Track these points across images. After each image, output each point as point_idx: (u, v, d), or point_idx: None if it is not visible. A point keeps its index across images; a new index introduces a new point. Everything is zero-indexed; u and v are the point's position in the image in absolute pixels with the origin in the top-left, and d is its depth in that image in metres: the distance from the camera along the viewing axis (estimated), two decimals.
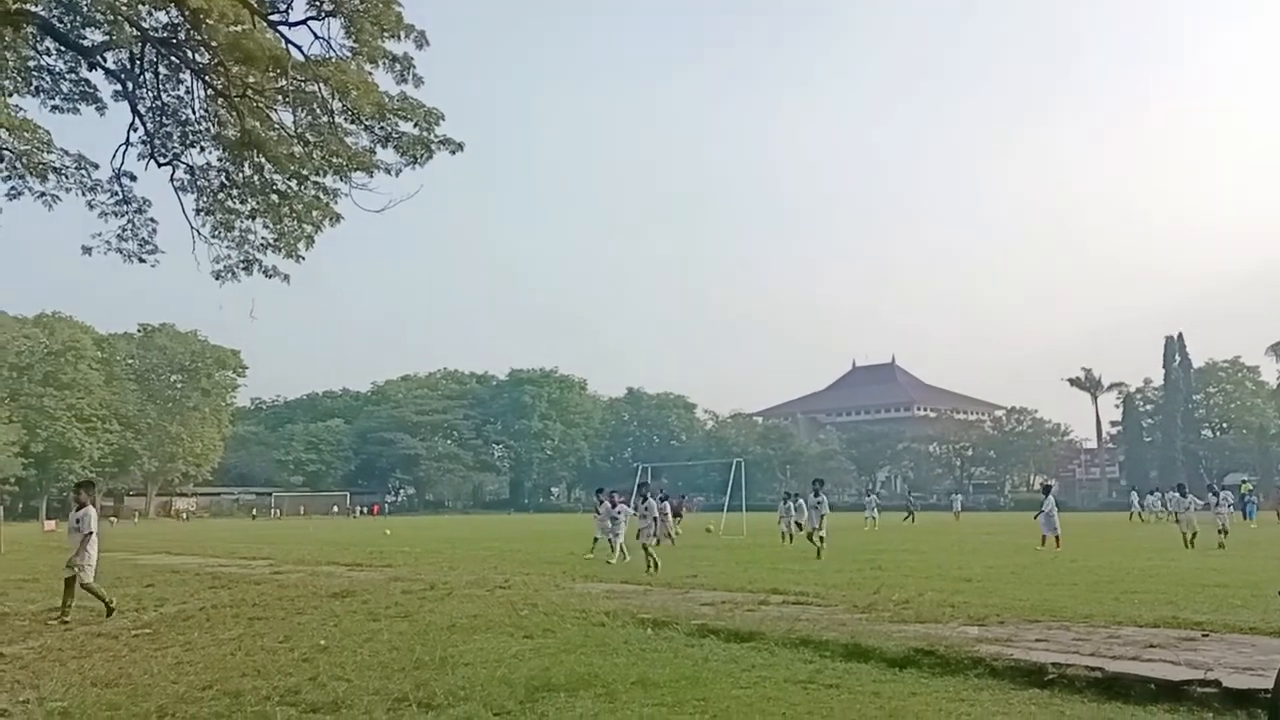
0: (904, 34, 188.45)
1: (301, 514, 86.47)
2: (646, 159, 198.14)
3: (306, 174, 13.98)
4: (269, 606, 12.99)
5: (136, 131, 13.78)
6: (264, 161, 13.66)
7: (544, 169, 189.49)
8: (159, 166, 14.14)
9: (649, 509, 18.68)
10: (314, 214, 14.39)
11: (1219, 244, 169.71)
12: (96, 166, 14.42)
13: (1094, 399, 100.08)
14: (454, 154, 13.87)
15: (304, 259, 14.78)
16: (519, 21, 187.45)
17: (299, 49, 12.81)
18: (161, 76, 13.77)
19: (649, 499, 19.22)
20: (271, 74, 12.72)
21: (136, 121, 13.65)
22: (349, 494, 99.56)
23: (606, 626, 10.49)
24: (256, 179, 14.03)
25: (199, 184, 14.44)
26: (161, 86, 13.86)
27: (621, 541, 20.29)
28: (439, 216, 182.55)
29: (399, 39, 12.82)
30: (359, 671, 8.14)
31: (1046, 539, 23.95)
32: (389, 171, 13.85)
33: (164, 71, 13.75)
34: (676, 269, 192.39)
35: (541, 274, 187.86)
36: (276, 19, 12.84)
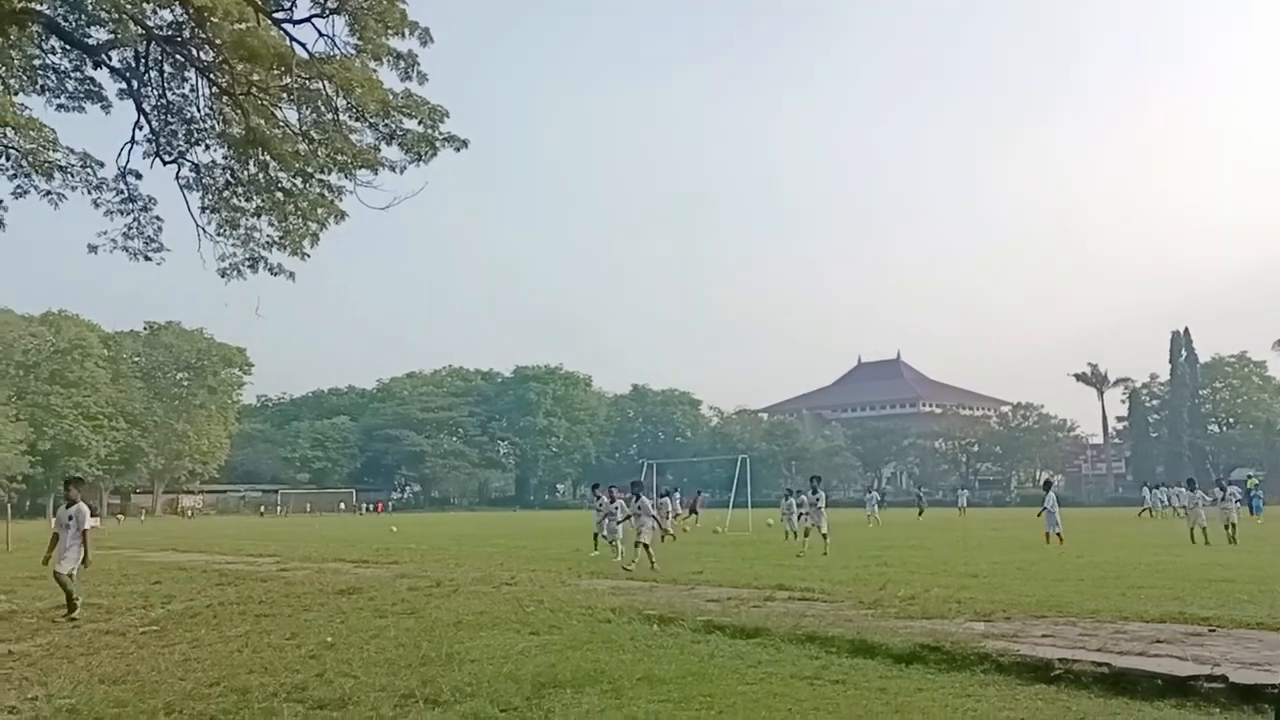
0: (904, 34, 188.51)
1: (308, 511, 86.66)
2: (648, 159, 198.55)
3: (311, 171, 13.98)
4: (276, 604, 13.02)
5: (142, 129, 13.79)
6: (269, 159, 13.66)
7: (546, 169, 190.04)
8: (164, 164, 14.15)
9: (642, 506, 18.65)
10: (319, 211, 14.39)
11: (1224, 240, 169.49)
12: (102, 165, 14.44)
13: (1100, 394, 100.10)
14: (458, 151, 13.87)
15: (309, 256, 14.79)
16: (519, 21, 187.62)
17: (303, 46, 12.81)
18: (166, 74, 13.78)
19: (642, 496, 19.19)
20: (276, 71, 12.72)
21: (141, 119, 13.66)
22: (355, 491, 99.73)
23: (612, 623, 10.50)
24: (261, 176, 14.04)
25: (204, 182, 14.44)
26: (166, 84, 13.86)
27: (619, 538, 20.25)
28: (443, 215, 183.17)
29: (403, 36, 12.80)
30: (366, 668, 8.16)
31: (1050, 536, 23.90)
32: (393, 169, 13.85)
33: (169, 69, 13.75)
34: (679, 268, 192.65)
35: (545, 273, 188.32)
36: (281, 16, 12.83)
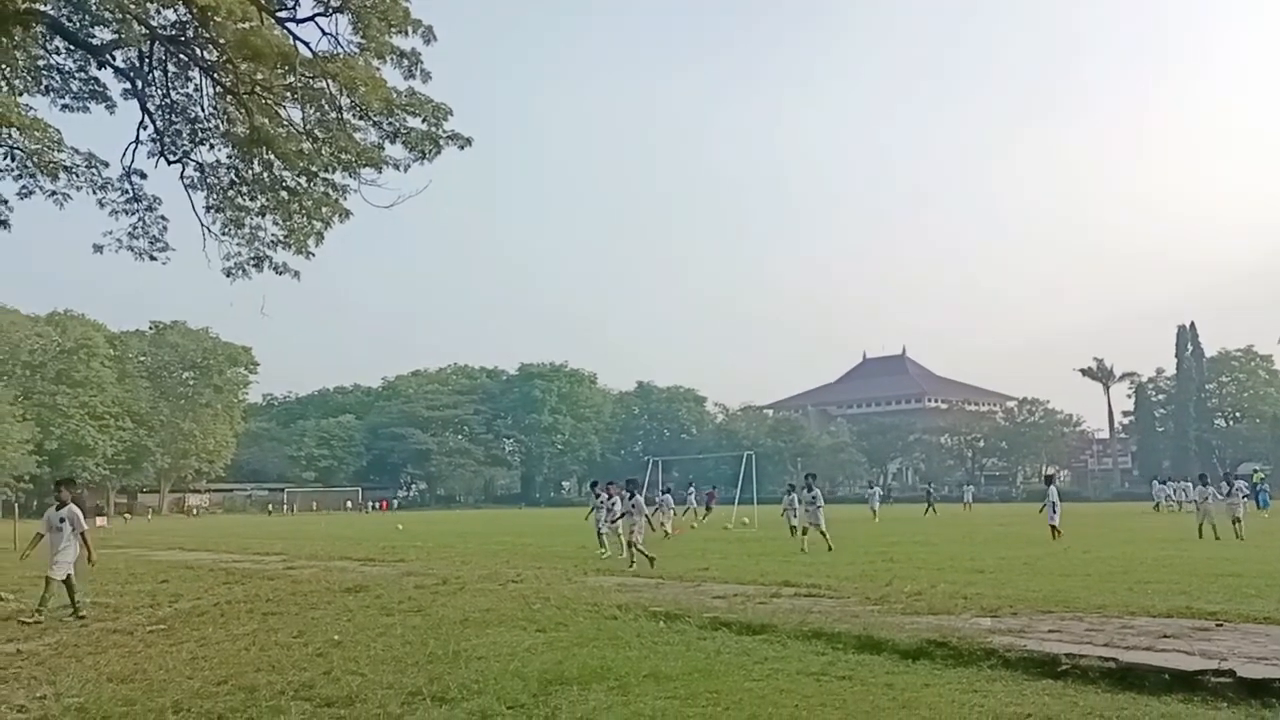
0: (905, 33, 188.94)
1: (314, 509, 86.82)
2: (651, 157, 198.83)
3: (315, 170, 14.00)
4: (283, 602, 13.04)
5: (146, 129, 13.83)
6: (273, 158, 13.68)
7: (550, 168, 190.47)
8: (169, 164, 14.20)
9: (636, 505, 18.58)
10: (323, 210, 14.42)
11: (1230, 234, 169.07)
12: (107, 165, 14.48)
13: (1106, 389, 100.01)
14: (462, 149, 13.87)
15: (314, 255, 14.84)
16: (519, 20, 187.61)
17: (307, 45, 12.84)
18: (170, 74, 13.80)
19: (636, 494, 19.11)
20: (280, 70, 12.74)
21: (146, 119, 13.70)
22: (361, 489, 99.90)
23: (619, 620, 10.50)
24: (266, 176, 14.06)
25: (209, 181, 14.48)
26: (170, 84, 13.89)
27: (606, 534, 20.08)
28: (448, 214, 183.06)
29: (406, 34, 12.81)
30: (373, 666, 8.17)
31: (1054, 529, 23.87)
32: (398, 167, 13.87)
33: (173, 69, 13.77)
34: (683, 266, 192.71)
35: (549, 271, 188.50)
36: (284, 15, 12.85)
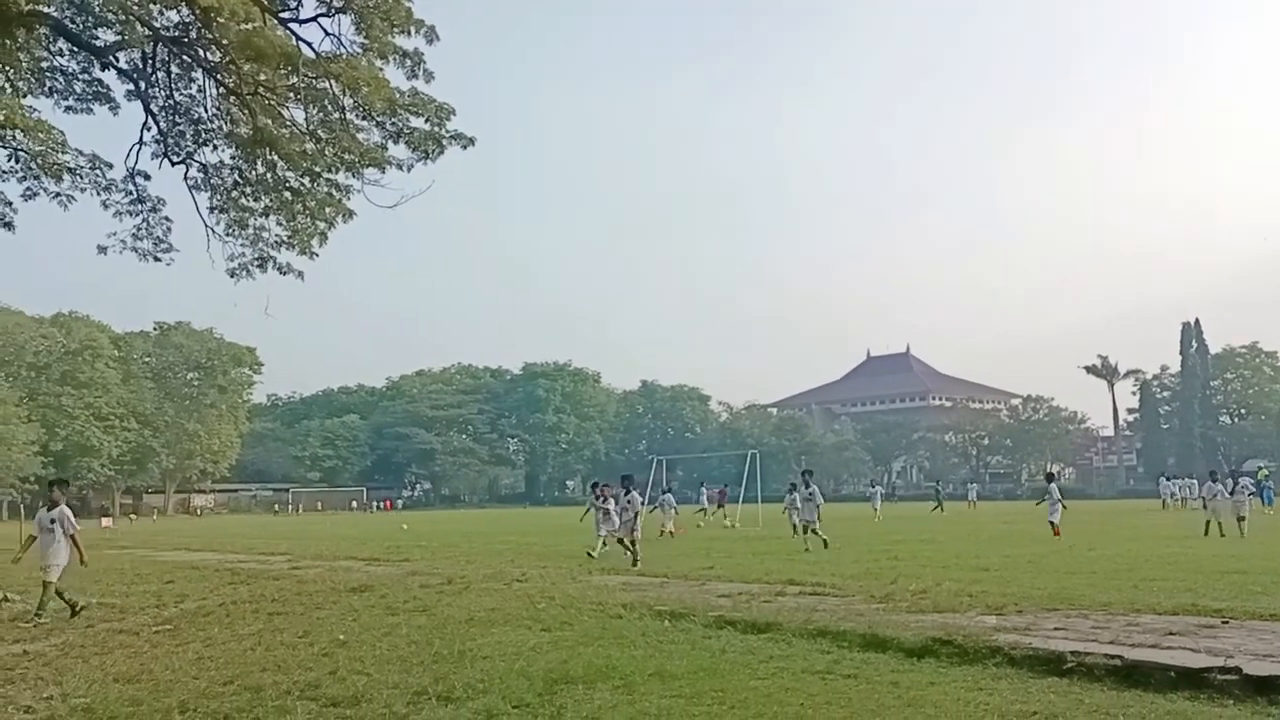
0: (906, 33, 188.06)
1: (319, 510, 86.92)
2: (653, 157, 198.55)
3: (319, 171, 14.02)
4: (288, 602, 13.05)
5: (150, 131, 13.86)
6: (277, 159, 13.70)
7: (551, 168, 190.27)
8: (172, 165, 14.22)
9: (631, 502, 18.56)
10: (327, 210, 14.44)
11: (1234, 230, 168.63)
12: (111, 166, 14.51)
13: (1111, 386, 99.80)
14: (465, 149, 13.90)
15: (318, 256, 14.87)
16: (519, 20, 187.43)
17: (310, 46, 12.87)
18: (174, 75, 13.83)
19: (631, 491, 19.08)
20: (283, 71, 12.76)
21: (150, 121, 13.73)
22: (365, 489, 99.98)
23: (624, 619, 10.50)
24: (269, 176, 14.08)
25: (213, 182, 14.50)
26: (174, 85, 13.91)
27: (603, 535, 19.92)
28: (451, 214, 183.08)
29: (409, 34, 12.84)
30: (378, 665, 8.18)
31: (1055, 528, 23.85)
32: (401, 167, 13.89)
33: (176, 70, 13.80)
34: (686, 265, 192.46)
35: (553, 271, 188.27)
36: (287, 16, 12.87)
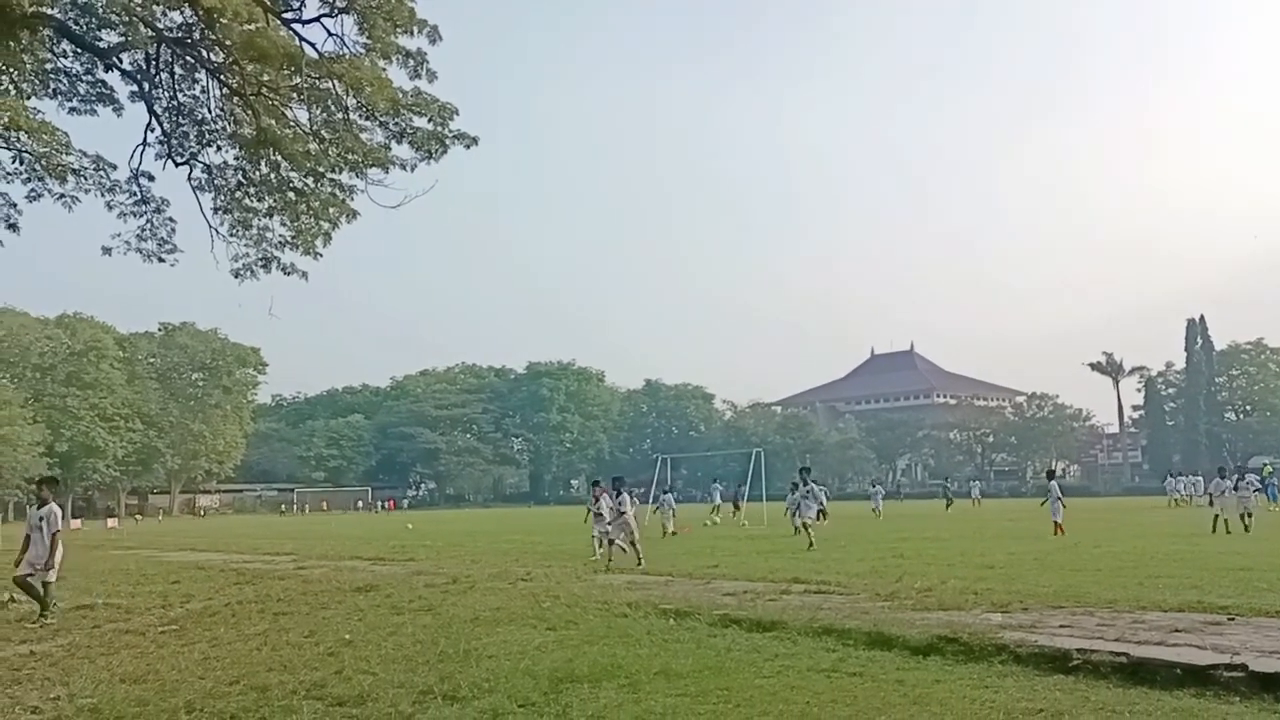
0: (910, 32, 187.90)
1: (325, 510, 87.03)
2: (655, 157, 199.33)
3: (323, 171, 14.02)
4: (293, 602, 13.08)
5: (153, 132, 13.86)
6: (280, 159, 13.70)
7: (552, 168, 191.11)
8: (176, 166, 14.21)
9: (623, 501, 18.51)
10: (331, 211, 14.43)
11: (1239, 227, 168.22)
12: (115, 167, 14.49)
13: (1115, 383, 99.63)
14: (468, 148, 13.88)
15: (322, 256, 14.85)
16: (519, 20, 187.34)
17: (313, 46, 12.85)
18: (177, 76, 13.83)
19: (623, 493, 19.04)
20: (286, 72, 12.76)
21: (153, 122, 13.72)
22: (370, 489, 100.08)
23: (629, 618, 10.51)
24: (273, 177, 14.08)
25: (216, 183, 14.50)
26: (177, 86, 13.92)
27: (596, 535, 19.81)
28: (454, 214, 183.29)
29: (412, 34, 12.82)
30: (384, 665, 8.19)
31: (1058, 525, 23.82)
32: (404, 167, 13.88)
33: (179, 71, 13.81)
34: (690, 264, 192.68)
35: (556, 270, 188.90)
36: (290, 17, 12.87)
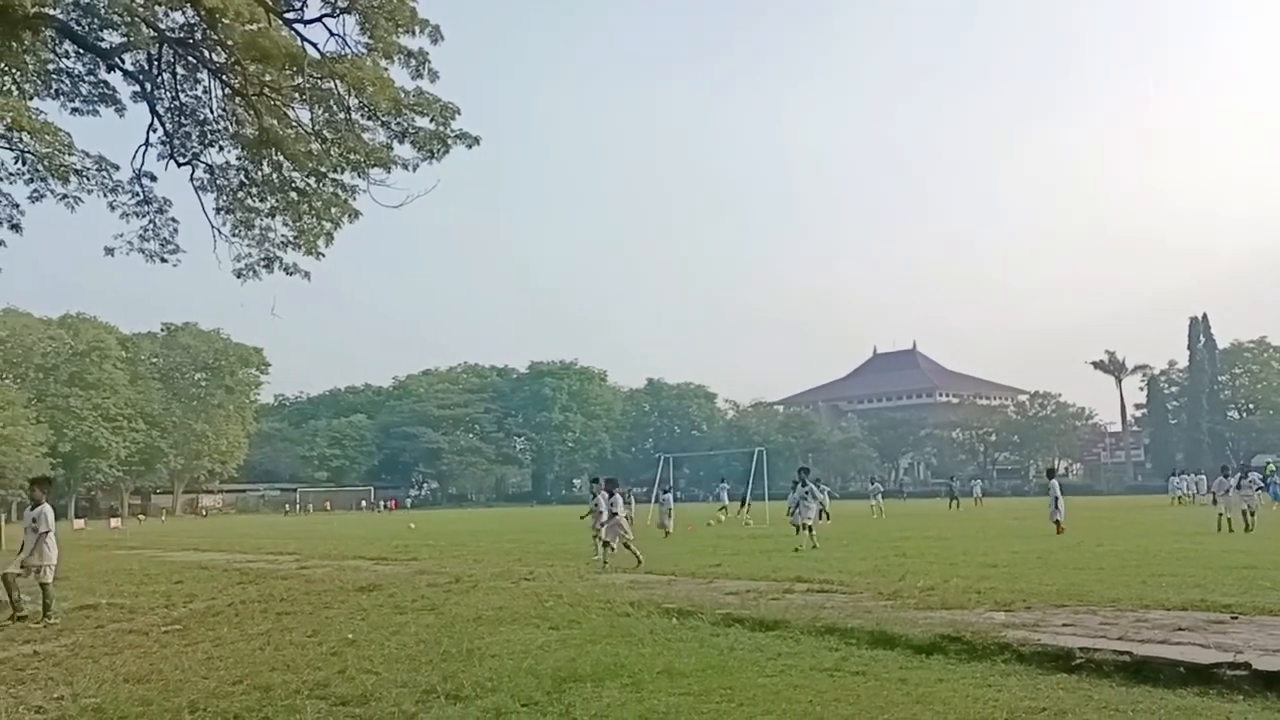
0: (912, 32, 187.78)
1: (328, 509, 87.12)
2: (656, 157, 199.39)
3: (325, 171, 14.01)
4: (296, 601, 13.09)
5: (156, 132, 13.86)
6: (282, 159, 13.70)
7: (554, 168, 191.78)
8: (179, 166, 14.22)
9: (615, 503, 18.51)
10: (333, 211, 14.43)
11: (1242, 225, 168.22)
12: (117, 168, 14.50)
13: (1118, 382, 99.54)
14: (470, 148, 13.87)
15: (324, 256, 14.85)
16: (518, 20, 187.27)
17: (315, 46, 12.85)
18: (179, 77, 13.84)
19: (615, 494, 19.03)
20: (288, 72, 12.76)
21: (155, 122, 13.72)
22: (373, 489, 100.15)
23: (631, 617, 10.51)
24: (275, 177, 14.08)
25: (218, 183, 14.50)
26: (179, 87, 13.92)
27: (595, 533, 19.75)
28: (454, 214, 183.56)
29: (414, 34, 12.82)
30: (387, 664, 8.20)
31: (1059, 524, 23.80)
32: (406, 167, 13.87)
33: (181, 72, 13.81)
34: (692, 264, 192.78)
35: (558, 270, 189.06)
36: (292, 17, 12.88)
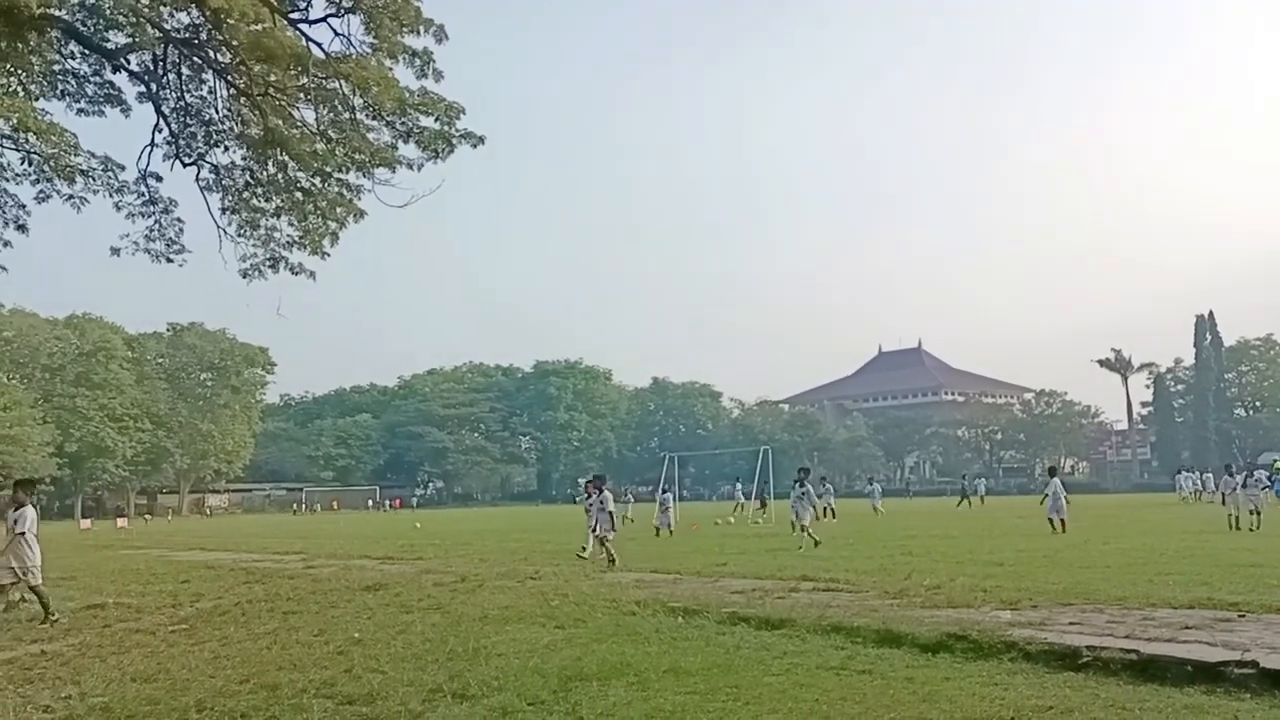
0: (914, 32, 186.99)
1: (335, 509, 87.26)
2: (657, 157, 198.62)
3: (330, 171, 14.02)
4: (303, 600, 13.12)
5: (161, 132, 13.87)
6: (287, 159, 13.72)
7: (554, 168, 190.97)
8: (184, 166, 14.24)
9: (605, 500, 18.56)
10: (338, 210, 14.44)
11: (1248, 222, 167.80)
12: (123, 168, 14.52)
13: (1124, 380, 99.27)
14: (475, 147, 13.88)
15: (329, 256, 14.87)
16: (521, 22, 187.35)
17: (319, 46, 12.85)
18: (184, 77, 13.85)
19: (605, 490, 19.07)
20: (293, 72, 12.77)
21: (161, 122, 13.74)
22: (378, 488, 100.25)
23: (637, 615, 10.52)
24: (280, 177, 14.10)
25: (224, 183, 14.52)
26: (185, 87, 13.94)
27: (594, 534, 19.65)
28: (455, 214, 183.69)
29: (418, 34, 12.81)
30: (393, 663, 8.21)
31: (1055, 523, 23.71)
32: (411, 167, 13.88)
33: (187, 72, 13.82)
34: (692, 264, 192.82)
35: (560, 270, 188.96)
36: (296, 17, 12.87)
